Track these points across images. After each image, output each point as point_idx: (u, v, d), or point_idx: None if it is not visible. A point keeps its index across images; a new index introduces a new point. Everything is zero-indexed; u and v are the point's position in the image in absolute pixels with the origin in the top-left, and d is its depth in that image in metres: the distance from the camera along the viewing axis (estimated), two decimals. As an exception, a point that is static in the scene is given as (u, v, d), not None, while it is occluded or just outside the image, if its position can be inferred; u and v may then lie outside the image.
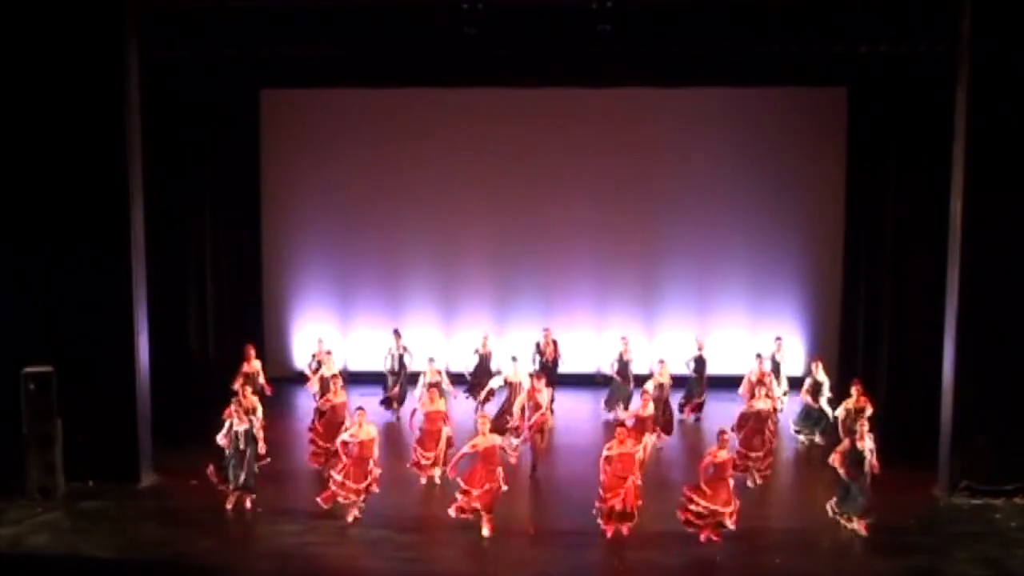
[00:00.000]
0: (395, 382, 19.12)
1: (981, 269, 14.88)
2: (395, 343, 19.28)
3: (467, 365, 19.41)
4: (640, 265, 21.36)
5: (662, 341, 21.02)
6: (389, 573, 13.19)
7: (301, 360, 20.68)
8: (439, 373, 17.52)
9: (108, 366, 15.27)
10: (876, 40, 16.55)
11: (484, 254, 21.53)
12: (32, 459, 14.84)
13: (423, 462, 15.68)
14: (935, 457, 15.54)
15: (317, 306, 21.70)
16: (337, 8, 16.49)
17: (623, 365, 18.98)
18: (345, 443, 14.43)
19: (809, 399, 17.68)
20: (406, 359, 19.13)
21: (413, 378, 18.50)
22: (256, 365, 17.85)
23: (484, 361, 19.34)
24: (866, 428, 13.88)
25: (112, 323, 15.28)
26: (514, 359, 17.67)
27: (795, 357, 20.12)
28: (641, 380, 17.94)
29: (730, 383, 18.68)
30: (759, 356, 18.21)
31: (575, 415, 19.38)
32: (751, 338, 20.42)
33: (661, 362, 18.03)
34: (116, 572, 13.07)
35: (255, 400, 15.76)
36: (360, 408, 14.70)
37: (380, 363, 19.46)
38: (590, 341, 21.18)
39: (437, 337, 21.23)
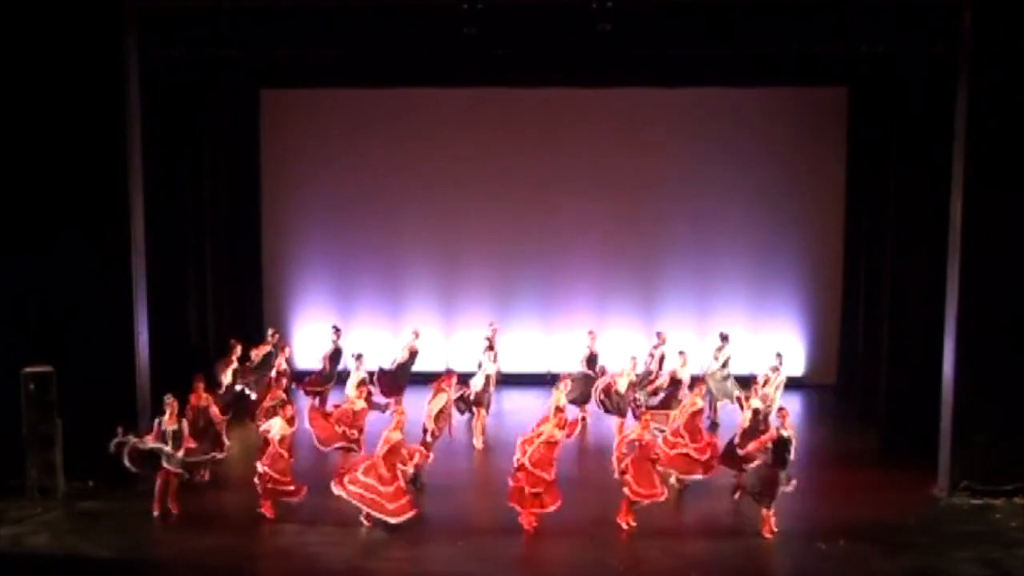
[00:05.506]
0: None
1: (981, 269, 14.86)
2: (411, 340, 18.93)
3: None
4: (640, 265, 21.37)
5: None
6: (389, 573, 13.18)
7: (301, 360, 20.63)
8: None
9: (108, 366, 15.24)
10: (876, 40, 16.55)
11: (484, 254, 21.54)
12: (32, 459, 14.82)
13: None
14: (935, 457, 15.52)
15: (317, 306, 21.70)
16: (337, 8, 16.49)
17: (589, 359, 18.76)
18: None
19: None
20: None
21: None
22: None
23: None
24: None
25: (112, 323, 15.26)
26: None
27: (794, 357, 20.13)
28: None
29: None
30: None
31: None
32: (751, 338, 20.43)
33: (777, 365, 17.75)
34: (116, 572, 13.06)
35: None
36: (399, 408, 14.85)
37: (384, 361, 19.34)
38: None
39: (437, 336, 21.22)
